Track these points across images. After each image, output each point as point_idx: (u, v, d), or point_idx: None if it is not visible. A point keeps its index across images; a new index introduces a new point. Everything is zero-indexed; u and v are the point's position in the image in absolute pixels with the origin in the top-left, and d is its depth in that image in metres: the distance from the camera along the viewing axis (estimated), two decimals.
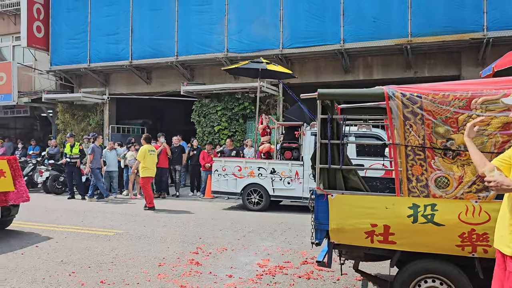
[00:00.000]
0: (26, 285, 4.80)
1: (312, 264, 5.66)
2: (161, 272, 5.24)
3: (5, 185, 7.11)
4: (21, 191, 7.41)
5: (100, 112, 17.33)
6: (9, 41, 19.99)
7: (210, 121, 14.85)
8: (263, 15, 13.83)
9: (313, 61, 14.29)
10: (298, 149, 10.34)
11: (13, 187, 7.25)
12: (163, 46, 15.06)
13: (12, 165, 7.40)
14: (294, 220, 8.99)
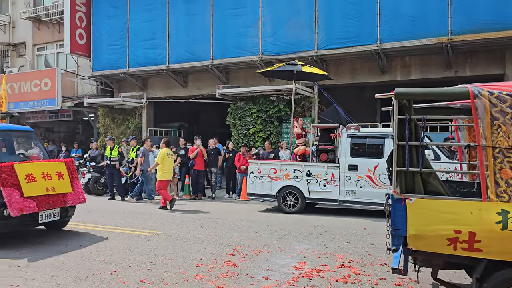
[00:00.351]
0: (71, 282, 4.99)
1: (349, 268, 5.59)
2: (198, 273, 5.32)
3: (63, 187, 7.30)
4: (78, 192, 7.61)
5: (138, 116, 17.80)
6: (53, 49, 20.89)
7: (245, 124, 14.94)
8: (297, 16, 13.80)
9: (348, 62, 14.12)
10: (334, 151, 10.25)
11: (71, 188, 7.44)
12: (199, 50, 15.31)
13: (70, 168, 7.61)
14: (330, 223, 8.90)
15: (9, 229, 6.86)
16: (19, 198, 6.53)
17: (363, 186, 9.48)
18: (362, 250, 6.58)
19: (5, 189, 6.42)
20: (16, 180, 6.59)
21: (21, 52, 22.01)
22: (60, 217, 7.36)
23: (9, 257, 6.09)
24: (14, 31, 22.23)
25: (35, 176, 6.85)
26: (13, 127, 8.77)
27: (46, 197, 6.94)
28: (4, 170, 6.53)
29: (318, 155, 10.40)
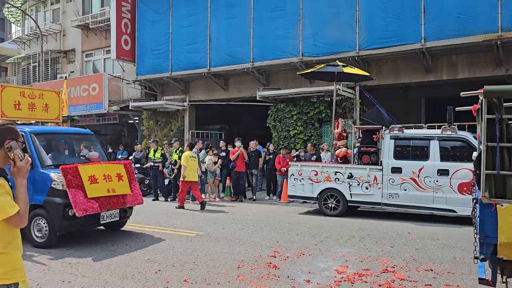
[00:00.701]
0: (118, 280, 5.18)
1: (393, 273, 5.46)
2: (240, 274, 5.37)
3: (123, 188, 7.41)
4: (136, 194, 7.70)
5: (181, 118, 18.20)
6: (100, 55, 21.76)
7: (285, 126, 14.93)
8: (338, 17, 13.65)
9: (391, 62, 13.80)
10: (377, 153, 10.04)
11: (129, 190, 7.54)
12: (239, 53, 15.46)
13: (128, 170, 7.70)
14: (373, 226, 8.72)
15: (74, 228, 7.08)
16: (83, 199, 6.70)
17: (407, 189, 9.23)
18: (407, 255, 6.40)
19: (70, 190, 6.60)
20: (80, 182, 6.75)
21: (71, 58, 23.08)
22: (119, 217, 7.54)
23: (61, 255, 6.40)
24: (64, 39, 23.35)
25: (97, 178, 7.01)
26: (75, 130, 9.05)
27: (107, 198, 7.09)
28: (69, 172, 6.70)
29: (360, 157, 10.22)
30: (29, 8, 25.24)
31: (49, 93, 8.75)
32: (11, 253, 2.45)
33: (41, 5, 24.79)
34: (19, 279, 2.46)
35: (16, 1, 25.37)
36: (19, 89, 8.32)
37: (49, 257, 6.21)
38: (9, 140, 2.45)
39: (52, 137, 8.03)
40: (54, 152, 7.75)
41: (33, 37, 24.88)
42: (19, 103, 8.07)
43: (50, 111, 8.64)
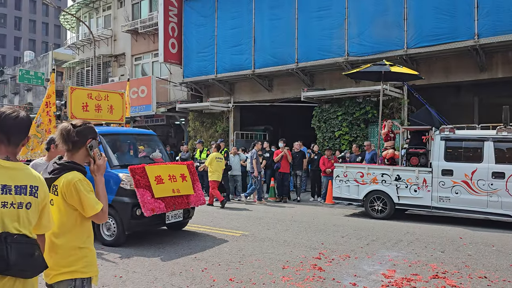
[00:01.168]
0: (166, 276, 5.34)
1: (444, 279, 5.27)
2: (285, 275, 5.38)
3: (186, 189, 7.42)
4: (199, 194, 7.70)
5: (225, 119, 18.44)
6: (149, 58, 22.48)
7: (330, 127, 14.77)
8: (385, 15, 13.34)
9: (441, 60, 13.30)
10: (426, 155, 9.71)
11: (193, 190, 7.55)
12: (283, 54, 15.47)
13: (191, 170, 7.73)
14: (422, 230, 8.44)
15: (141, 228, 7.20)
16: (151, 198, 6.75)
17: (459, 193, 8.86)
18: (458, 261, 6.15)
19: (138, 190, 6.66)
20: (148, 182, 6.80)
21: (121, 62, 24.00)
22: (183, 218, 7.59)
23: (111, 250, 6.67)
24: (115, 44, 24.32)
25: (162, 178, 7.05)
26: (139, 131, 9.21)
27: (172, 198, 7.12)
28: (137, 172, 6.77)
29: (408, 158, 9.93)
30: (83, 15, 26.50)
31: (114, 94, 8.91)
32: (89, 248, 2.61)
33: (93, 12, 25.96)
34: (94, 273, 2.60)
35: (71, 9, 26.73)
36: (87, 91, 8.49)
37: (101, 252, 6.49)
38: (91, 139, 2.61)
39: (118, 137, 8.17)
40: (119, 153, 7.87)
41: (87, 42, 26.10)
42: (87, 104, 8.22)
43: (115, 112, 8.78)
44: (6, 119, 2.07)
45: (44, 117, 7.66)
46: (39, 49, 62.51)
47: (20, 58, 58.08)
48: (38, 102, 35.00)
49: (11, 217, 2.01)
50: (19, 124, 2.11)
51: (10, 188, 2.01)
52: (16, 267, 1.95)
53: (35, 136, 7.52)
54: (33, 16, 65.50)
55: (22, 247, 1.99)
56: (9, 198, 2.00)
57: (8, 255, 1.92)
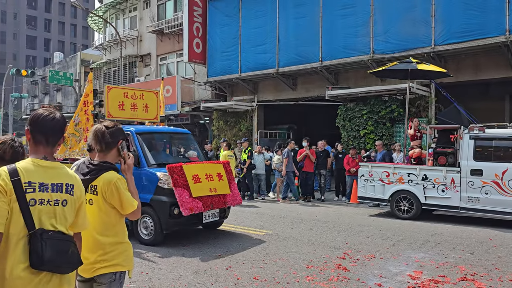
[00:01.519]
0: (191, 274, 5.39)
1: (473, 281, 5.14)
2: (309, 274, 5.35)
3: (223, 188, 7.33)
4: (235, 194, 7.57)
5: (249, 118, 18.48)
6: (174, 58, 22.74)
7: (355, 125, 14.60)
8: (411, 12, 13.08)
9: (471, 57, 12.95)
10: (454, 154, 9.48)
11: (229, 190, 7.45)
12: (307, 53, 15.37)
13: (227, 169, 7.61)
14: (450, 231, 8.25)
15: (178, 227, 7.11)
16: (189, 198, 6.68)
17: (489, 193, 8.61)
18: (488, 263, 5.99)
19: (176, 189, 6.60)
20: (185, 181, 6.75)
21: (146, 62, 24.37)
22: (219, 217, 7.50)
23: (140, 248, 6.78)
24: (141, 44, 24.71)
25: (200, 177, 6.99)
26: (174, 130, 9.06)
27: (210, 197, 7.05)
28: (175, 171, 6.71)
29: (436, 158, 9.71)
30: (109, 17, 27.03)
31: (149, 93, 8.83)
32: (128, 243, 2.78)
33: (120, 13, 26.44)
34: (131, 267, 2.77)
35: (99, 11, 27.30)
36: (123, 90, 8.38)
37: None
38: (121, 140, 2.76)
39: (154, 136, 8.13)
40: (155, 151, 7.81)
41: (113, 43, 26.61)
42: (123, 103, 8.12)
43: (150, 111, 8.68)
44: (44, 121, 2.17)
45: (82, 116, 7.58)
46: (68, 50, 64.18)
47: (49, 59, 59.78)
48: (67, 102, 35.95)
49: (48, 214, 2.10)
50: (56, 125, 2.20)
51: (47, 186, 2.11)
52: (51, 263, 2.03)
53: (73, 135, 7.47)
54: (62, 18, 67.28)
55: (57, 244, 2.07)
56: (46, 196, 2.09)
57: (43, 251, 2.00)
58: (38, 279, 2.04)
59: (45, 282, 2.06)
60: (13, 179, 2.02)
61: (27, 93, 39.83)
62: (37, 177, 2.10)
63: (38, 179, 2.09)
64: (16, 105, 41.35)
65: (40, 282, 2.05)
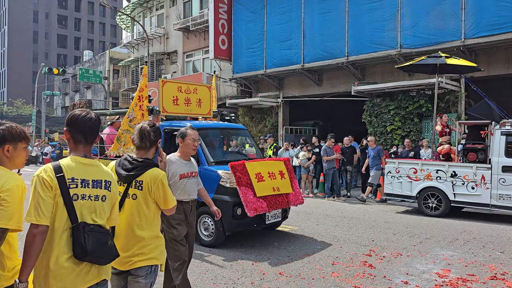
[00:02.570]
0: (217, 268, 5.49)
1: (503, 281, 5.03)
2: (334, 271, 5.37)
3: (285, 187, 6.90)
4: (297, 193, 7.13)
5: (274, 115, 18.51)
6: (200, 55, 22.97)
7: (382, 121, 14.42)
8: (440, 5, 12.80)
9: (503, 50, 12.58)
10: (485, 151, 9.25)
11: (291, 188, 7.01)
12: (333, 48, 15.26)
13: (288, 167, 7.19)
14: (480, 229, 8.08)
15: (241, 228, 6.67)
16: (253, 197, 6.30)
17: None
18: None
19: (240, 188, 6.24)
20: (249, 180, 6.37)
21: (173, 59, 24.70)
22: (281, 218, 7.10)
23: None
24: (167, 42, 25.05)
25: (263, 175, 6.60)
26: (229, 125, 8.63)
27: (273, 197, 6.62)
28: (238, 169, 6.35)
29: (466, 154, 9.50)
30: (137, 15, 27.51)
31: (202, 87, 8.43)
32: (162, 237, 2.92)
33: (147, 11, 26.86)
34: (164, 260, 2.90)
35: (126, 9, 27.82)
36: (177, 84, 7.96)
37: None
38: (160, 139, 2.95)
39: (211, 132, 7.72)
40: (212, 148, 7.44)
41: (141, 41, 27.08)
42: (177, 98, 7.74)
43: (203, 106, 8.27)
44: (84, 121, 2.32)
45: (137, 111, 7.13)
46: (97, 48, 65.69)
47: (79, 57, 61.37)
48: (97, 99, 36.84)
49: (89, 208, 2.26)
50: (93, 124, 2.35)
51: (88, 182, 2.28)
52: (93, 254, 2.19)
53: (128, 131, 7.09)
54: (91, 17, 68.85)
55: (98, 236, 2.23)
56: (87, 191, 2.27)
57: (86, 243, 2.16)
58: (79, 269, 2.20)
59: (85, 272, 2.22)
60: (57, 175, 2.19)
61: (58, 91, 41.04)
62: (79, 173, 2.26)
63: (80, 176, 2.25)
64: (48, 102, 42.67)
65: (81, 272, 2.21)
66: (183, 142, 4.13)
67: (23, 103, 51.97)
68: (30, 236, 2.08)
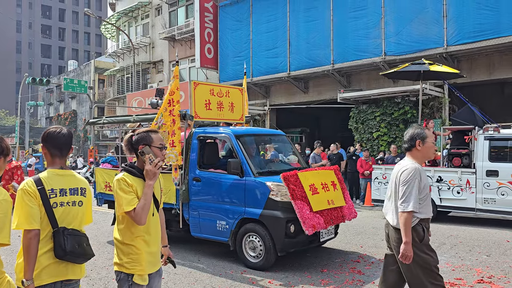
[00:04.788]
0: (207, 278, 5.45)
1: (490, 284, 5.09)
2: (324, 278, 5.36)
3: (339, 199, 6.18)
4: (350, 205, 6.40)
5: (262, 122, 18.54)
6: (186, 64, 22.94)
7: (368, 128, 14.55)
8: (423, 12, 13.04)
9: (484, 57, 12.85)
10: (469, 155, 9.39)
11: (344, 201, 6.30)
12: (319, 56, 15.40)
13: (338, 176, 6.53)
14: (466, 233, 8.17)
15: (295, 248, 5.83)
16: (310, 213, 5.56)
17: (506, 194, 8.51)
18: (506, 265, 5.92)
19: (296, 202, 5.49)
20: (303, 192, 5.64)
21: (159, 68, 24.64)
22: (334, 234, 6.42)
23: None
24: (153, 51, 25.00)
25: (316, 187, 5.89)
26: (268, 131, 7.85)
27: (329, 211, 5.89)
28: (291, 180, 5.62)
29: (450, 159, 9.63)
30: (122, 24, 27.42)
31: (234, 90, 7.69)
32: (137, 247, 2.74)
33: (132, 20, 26.81)
34: (138, 272, 2.74)
35: (111, 19, 27.72)
36: (209, 87, 7.24)
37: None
38: (142, 145, 2.79)
39: (253, 139, 7.01)
40: (254, 157, 6.68)
41: (126, 50, 26.98)
42: (209, 102, 7.05)
43: (235, 110, 7.55)
44: (58, 137, 2.60)
45: (167, 117, 6.43)
46: (82, 58, 65.18)
47: (64, 67, 60.79)
48: (82, 109, 36.47)
49: (67, 214, 2.56)
50: (67, 140, 2.63)
51: (66, 190, 2.57)
52: (71, 254, 2.49)
53: None
54: (76, 26, 68.42)
55: (75, 239, 2.53)
56: (65, 199, 2.55)
57: (65, 244, 2.48)
58: (60, 267, 2.52)
59: (66, 269, 2.54)
60: (38, 187, 2.47)
61: (42, 101, 40.54)
62: (57, 184, 2.54)
63: (59, 186, 2.54)
64: (32, 113, 42.11)
65: (61, 268, 2.53)
66: (423, 145, 3.44)
67: (6, 114, 51.22)
68: (26, 240, 2.38)
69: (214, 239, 6.33)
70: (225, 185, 6.15)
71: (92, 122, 8.73)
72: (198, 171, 6.49)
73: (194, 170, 6.52)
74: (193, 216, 6.50)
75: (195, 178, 6.50)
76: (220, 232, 6.17)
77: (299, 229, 5.55)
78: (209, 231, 6.33)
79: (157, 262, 2.86)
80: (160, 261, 2.93)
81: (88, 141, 33.00)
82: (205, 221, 6.37)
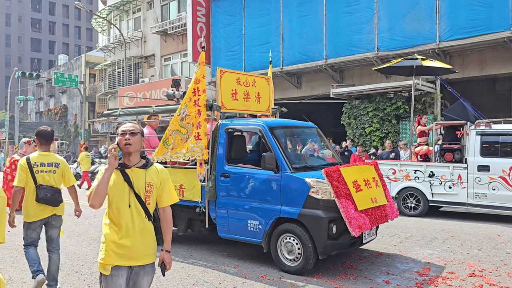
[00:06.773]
0: (199, 273, 5.41)
1: (481, 277, 5.12)
2: (316, 273, 5.36)
3: (381, 197, 5.70)
4: (392, 204, 5.93)
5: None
6: (178, 58, 22.81)
7: (361, 123, 14.58)
8: (416, 8, 13.06)
9: (476, 52, 12.91)
10: (461, 151, 9.44)
11: (385, 199, 5.84)
12: (312, 51, 15.38)
13: (378, 172, 6.06)
14: (457, 228, 8.23)
15: (337, 250, 5.40)
16: (355, 212, 5.11)
17: (496, 189, 8.57)
18: (496, 259, 5.97)
19: (340, 201, 5.05)
20: (347, 189, 5.20)
21: (151, 63, 24.45)
22: (375, 234, 5.94)
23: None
24: (145, 45, 24.80)
25: (359, 184, 5.44)
26: (299, 123, 7.05)
27: (373, 210, 5.44)
28: (334, 176, 5.16)
29: (442, 154, 9.68)
30: (113, 18, 27.15)
31: (261, 80, 7.18)
32: (104, 234, 2.85)
33: (124, 14, 26.55)
34: (100, 260, 2.82)
35: (102, 12, 27.43)
36: (236, 75, 6.66)
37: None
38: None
39: (286, 131, 6.51)
40: (289, 151, 6.27)
41: (118, 44, 26.73)
42: (236, 92, 6.50)
43: (262, 101, 7.05)
44: (46, 133, 4.61)
45: (191, 107, 5.90)
46: (72, 52, 64.52)
47: (54, 61, 60.14)
48: (72, 104, 36.14)
49: (44, 177, 4.50)
50: (50, 134, 4.66)
51: (44, 163, 4.53)
52: (43, 199, 4.41)
53: (178, 132, 5.93)
54: (66, 20, 67.62)
55: (47, 191, 4.45)
56: (44, 168, 4.52)
57: (40, 193, 4.41)
58: (41, 207, 4.48)
59: (43, 208, 4.49)
60: (27, 162, 4.47)
61: (32, 96, 40.10)
62: (39, 160, 4.52)
63: (40, 161, 4.51)
64: (21, 108, 41.65)
65: (41, 209, 4.48)
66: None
67: None
68: (14, 190, 4.51)
69: (245, 240, 5.82)
70: (258, 182, 5.63)
71: (107, 114, 8.14)
72: (226, 167, 5.92)
73: (222, 165, 5.95)
74: (220, 215, 5.96)
75: (223, 174, 5.93)
76: (252, 232, 5.66)
77: (342, 229, 5.15)
78: (239, 232, 5.81)
79: (133, 257, 2.80)
80: (147, 259, 2.89)
81: (78, 136, 32.72)
82: (235, 220, 5.83)
